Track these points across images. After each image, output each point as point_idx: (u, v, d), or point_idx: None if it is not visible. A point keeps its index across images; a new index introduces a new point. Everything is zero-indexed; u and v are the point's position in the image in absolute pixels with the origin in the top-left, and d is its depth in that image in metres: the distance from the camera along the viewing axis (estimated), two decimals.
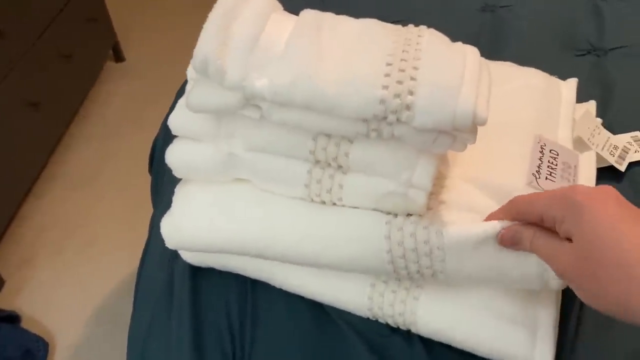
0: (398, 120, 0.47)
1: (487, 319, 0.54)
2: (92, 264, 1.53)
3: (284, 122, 0.50)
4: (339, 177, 0.53)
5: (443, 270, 0.52)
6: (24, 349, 1.29)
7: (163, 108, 0.99)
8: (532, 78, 0.70)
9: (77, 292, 1.46)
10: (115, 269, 1.49)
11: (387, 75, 0.47)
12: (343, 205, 0.55)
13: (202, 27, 0.50)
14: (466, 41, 0.53)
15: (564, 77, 0.73)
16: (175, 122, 0.57)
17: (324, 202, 0.55)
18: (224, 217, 0.58)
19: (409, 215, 0.53)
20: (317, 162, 0.53)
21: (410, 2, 1.12)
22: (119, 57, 2.27)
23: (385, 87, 0.46)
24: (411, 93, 0.46)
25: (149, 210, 0.89)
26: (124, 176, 1.76)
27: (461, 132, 0.47)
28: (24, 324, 1.38)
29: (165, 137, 0.95)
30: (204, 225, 0.58)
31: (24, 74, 1.60)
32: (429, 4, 1.10)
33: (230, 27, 0.49)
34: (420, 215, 0.53)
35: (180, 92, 0.99)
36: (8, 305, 1.42)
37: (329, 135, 0.51)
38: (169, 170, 0.61)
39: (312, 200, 0.55)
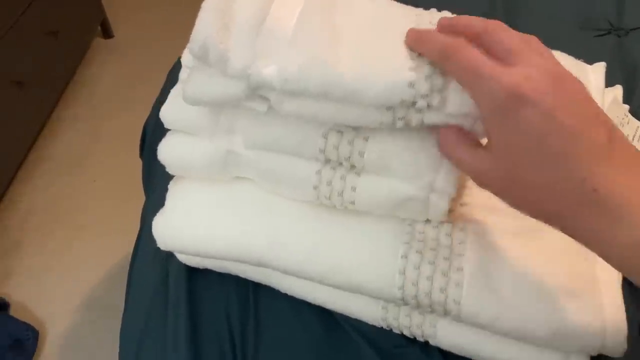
0: (429, 105, 0.41)
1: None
2: (82, 249, 1.49)
3: (295, 114, 0.44)
4: (351, 178, 0.48)
5: (458, 314, 0.47)
6: (13, 338, 1.26)
7: (154, 86, 0.95)
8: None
9: (67, 278, 1.43)
10: (106, 254, 1.45)
11: (416, 56, 0.41)
12: (355, 210, 0.50)
13: (194, 1, 0.44)
14: None
15: (584, 59, 0.68)
16: (168, 115, 0.52)
17: (334, 206, 0.50)
18: (224, 223, 0.53)
19: (427, 249, 0.48)
20: (328, 161, 0.48)
21: None
22: (107, 33, 2.21)
23: (414, 69, 0.41)
24: (444, 74, 0.41)
25: (140, 193, 0.86)
26: (114, 158, 1.71)
27: None
28: (13, 312, 1.34)
29: (157, 120, 0.90)
30: (201, 230, 0.54)
31: (7, 51, 1.54)
32: None
33: (232, 8, 0.44)
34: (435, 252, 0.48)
35: (172, 72, 0.93)
36: None
37: (341, 132, 0.46)
38: None
39: (322, 204, 0.50)
